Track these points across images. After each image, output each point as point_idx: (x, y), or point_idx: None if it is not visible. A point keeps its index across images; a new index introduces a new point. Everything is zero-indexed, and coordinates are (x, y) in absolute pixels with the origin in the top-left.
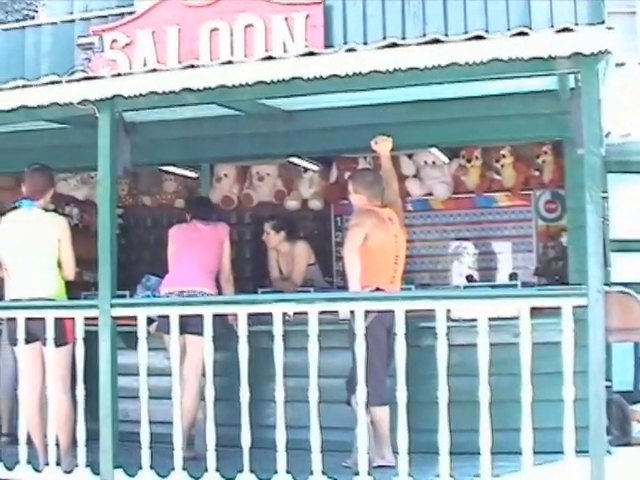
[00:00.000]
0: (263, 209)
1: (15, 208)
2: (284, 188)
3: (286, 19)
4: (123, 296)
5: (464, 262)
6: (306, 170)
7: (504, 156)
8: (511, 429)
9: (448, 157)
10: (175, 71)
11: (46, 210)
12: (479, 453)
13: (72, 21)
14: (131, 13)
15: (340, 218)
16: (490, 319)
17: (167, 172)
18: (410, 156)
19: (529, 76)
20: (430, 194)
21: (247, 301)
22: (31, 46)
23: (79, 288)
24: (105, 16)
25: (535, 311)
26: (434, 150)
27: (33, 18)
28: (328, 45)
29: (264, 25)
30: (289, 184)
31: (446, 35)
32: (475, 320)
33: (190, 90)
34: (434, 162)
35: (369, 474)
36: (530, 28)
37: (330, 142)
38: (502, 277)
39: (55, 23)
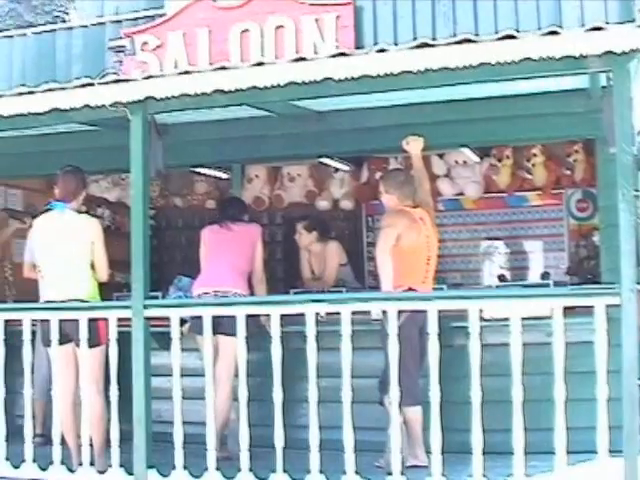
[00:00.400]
0: (294, 210)
1: (47, 210)
2: (315, 188)
3: (316, 20)
4: (155, 297)
5: (495, 261)
6: (337, 170)
7: (535, 155)
8: (544, 429)
9: (479, 156)
10: (207, 73)
11: (79, 212)
12: (512, 453)
13: (103, 24)
14: (161, 15)
15: (371, 218)
16: (522, 318)
17: (198, 173)
18: (441, 156)
19: (560, 75)
20: (461, 194)
21: (280, 302)
22: (62, 49)
23: (111, 289)
24: (135, 18)
25: (567, 310)
26: (465, 150)
27: (63, 20)
28: (358, 46)
29: (294, 26)
30: (320, 184)
31: (477, 35)
32: (507, 320)
33: (221, 91)
34: (465, 162)
35: (402, 474)
36: (561, 27)
37: (361, 142)
38: (533, 276)
39: (86, 26)
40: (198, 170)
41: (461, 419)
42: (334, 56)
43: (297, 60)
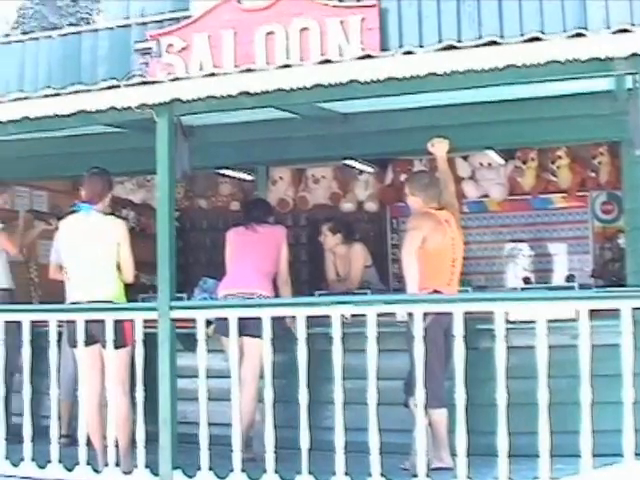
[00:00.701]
0: (318, 211)
1: (73, 212)
2: (339, 190)
3: (342, 22)
4: (181, 298)
5: (519, 264)
6: (361, 172)
7: (560, 157)
8: (570, 431)
9: (504, 159)
10: (233, 75)
11: (104, 214)
12: (538, 456)
13: (128, 26)
14: (187, 17)
15: (396, 220)
16: (547, 321)
17: (223, 175)
18: (465, 158)
19: (586, 77)
20: (486, 196)
21: (306, 303)
22: (87, 50)
23: (136, 290)
24: (161, 20)
25: (593, 313)
26: (490, 152)
27: (87, 21)
28: (384, 48)
29: (319, 28)
30: (344, 186)
31: (502, 37)
32: (531, 322)
33: (248, 93)
34: (490, 164)
35: (427, 476)
36: (586, 28)
37: (386, 144)
38: (557, 279)
39: (112, 28)
40: (222, 172)
41: (486, 421)
42: (360, 58)
43: (323, 62)
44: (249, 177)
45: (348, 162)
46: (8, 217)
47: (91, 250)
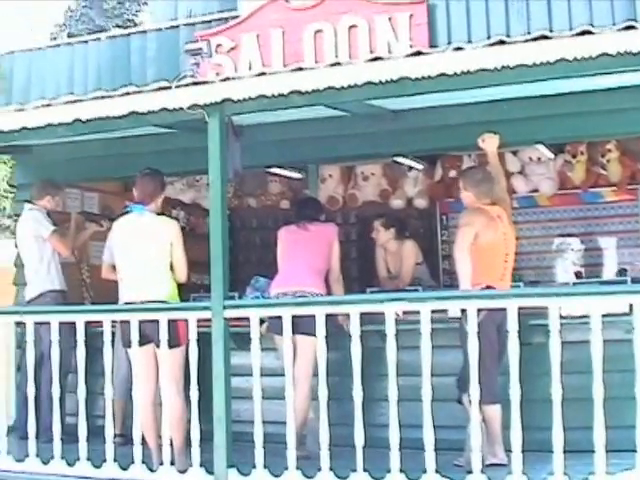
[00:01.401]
0: (368, 209)
1: (126, 213)
2: (389, 187)
3: (390, 19)
4: (232, 297)
5: (568, 258)
6: (410, 169)
7: (610, 151)
8: (625, 426)
9: (553, 153)
10: (283, 74)
11: (157, 214)
12: (593, 451)
13: (177, 27)
14: (235, 17)
15: (445, 216)
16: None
17: (272, 173)
18: (515, 153)
19: (637, 70)
20: (535, 190)
21: (359, 301)
22: (136, 52)
23: (187, 290)
24: (209, 21)
25: None
26: (539, 146)
27: (134, 23)
28: (432, 44)
29: (368, 25)
30: (394, 183)
31: (551, 31)
32: (584, 317)
33: (298, 92)
34: (539, 158)
35: (482, 472)
36: (635, 20)
37: (437, 140)
38: (608, 273)
39: (160, 29)
40: (272, 170)
41: (541, 417)
42: (410, 55)
43: (373, 60)
44: (298, 175)
45: (398, 159)
46: (60, 219)
47: (144, 250)
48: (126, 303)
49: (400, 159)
